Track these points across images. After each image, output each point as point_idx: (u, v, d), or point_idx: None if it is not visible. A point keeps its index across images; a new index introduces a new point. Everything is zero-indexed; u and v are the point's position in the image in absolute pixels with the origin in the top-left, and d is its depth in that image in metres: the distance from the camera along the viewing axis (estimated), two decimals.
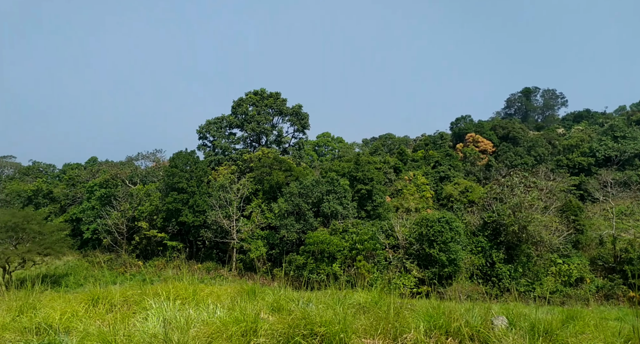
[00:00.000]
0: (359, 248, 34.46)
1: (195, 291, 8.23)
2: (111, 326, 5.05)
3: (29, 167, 77.26)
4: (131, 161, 62.49)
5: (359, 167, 46.47)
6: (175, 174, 45.38)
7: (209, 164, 54.80)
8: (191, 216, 43.82)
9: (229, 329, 4.76)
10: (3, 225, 37.56)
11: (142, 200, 48.77)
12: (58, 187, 61.30)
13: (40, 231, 39.35)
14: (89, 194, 53.94)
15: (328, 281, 6.92)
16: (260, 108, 58.64)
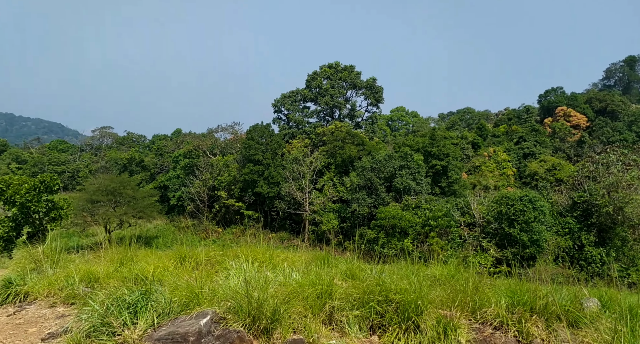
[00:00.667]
0: (432, 225, 33.66)
1: (271, 256, 8.53)
2: (197, 281, 5.38)
3: (124, 138, 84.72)
4: (211, 133, 65.91)
5: (434, 143, 44.87)
6: (251, 147, 47.13)
7: (283, 137, 56.14)
8: (266, 187, 45.49)
9: (305, 290, 4.86)
10: (104, 189, 41.85)
11: (222, 170, 51.47)
12: (148, 157, 66.68)
13: (134, 196, 43.30)
14: (175, 163, 58.04)
15: (399, 256, 6.97)
16: (334, 81, 58.38)
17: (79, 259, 8.92)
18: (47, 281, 6.77)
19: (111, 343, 4.05)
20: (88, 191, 43.80)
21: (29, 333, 4.99)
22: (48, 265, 7.81)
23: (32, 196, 23.48)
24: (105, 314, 4.38)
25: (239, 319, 4.15)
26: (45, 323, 5.38)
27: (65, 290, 6.40)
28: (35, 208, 23.80)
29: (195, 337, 3.88)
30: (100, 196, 41.62)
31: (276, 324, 4.15)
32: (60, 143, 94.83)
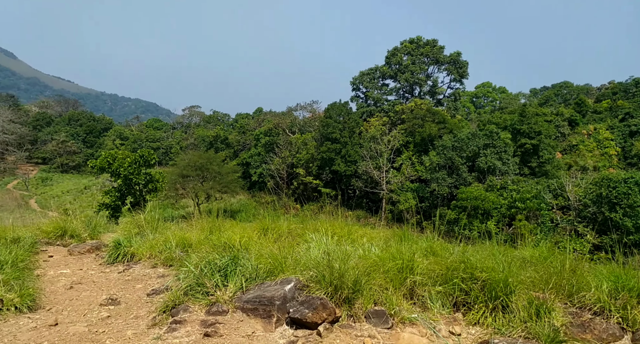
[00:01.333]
0: (519, 207, 31.67)
1: (350, 231, 8.59)
2: (280, 251, 5.59)
3: (210, 116, 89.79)
4: (291, 112, 67.37)
5: (524, 120, 41.72)
6: (329, 125, 47.46)
7: (361, 115, 55.71)
8: (343, 166, 45.77)
9: (385, 264, 4.85)
10: (193, 164, 44.98)
11: (300, 148, 52.63)
12: (232, 134, 70.12)
13: (219, 172, 46.02)
14: (256, 141, 60.44)
15: (481, 238, 6.63)
16: (415, 57, 56.23)
17: (174, 226, 9.70)
18: (149, 245, 7.48)
19: (205, 301, 4.38)
20: (179, 166, 47.40)
21: (136, 289, 5.58)
22: (149, 231, 8.59)
23: (133, 169, 25.95)
24: (199, 276, 4.73)
25: (321, 287, 4.26)
26: (149, 281, 5.97)
27: (164, 253, 7.03)
28: (136, 180, 26.29)
29: (280, 301, 4.06)
30: (189, 171, 44.83)
31: (357, 295, 4.20)
32: (155, 121, 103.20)
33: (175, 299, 4.44)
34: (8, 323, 4.09)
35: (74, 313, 4.54)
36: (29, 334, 3.83)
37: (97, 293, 5.39)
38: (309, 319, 3.78)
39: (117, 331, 3.97)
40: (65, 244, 9.27)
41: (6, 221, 11.49)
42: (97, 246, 8.68)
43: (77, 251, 8.36)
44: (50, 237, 9.51)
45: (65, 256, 8.13)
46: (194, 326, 3.92)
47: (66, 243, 9.37)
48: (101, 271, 6.80)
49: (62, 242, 9.42)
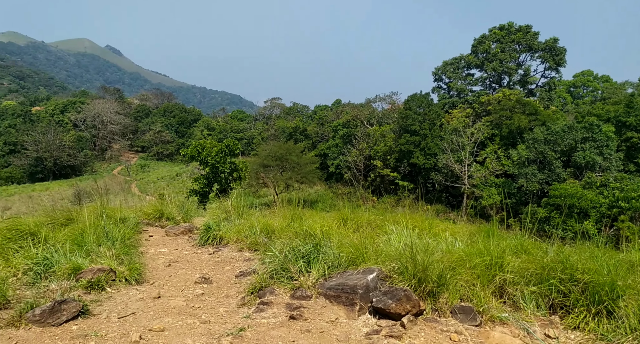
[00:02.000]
0: (622, 206, 28.57)
1: (431, 225, 8.37)
2: (361, 241, 5.60)
3: (290, 108, 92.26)
4: (369, 103, 66.87)
5: (630, 111, 37.38)
6: (408, 116, 46.39)
7: (442, 107, 53.70)
8: (422, 158, 44.56)
9: (472, 260, 4.66)
10: (273, 155, 46.62)
11: (378, 140, 52.13)
12: (310, 126, 71.41)
13: (298, 162, 47.22)
14: (334, 132, 60.95)
15: (576, 239, 6.00)
16: (505, 45, 52.67)
17: (257, 213, 10.14)
18: (236, 229, 7.91)
19: (290, 286, 4.53)
20: (260, 156, 49.42)
21: (225, 270, 5.94)
22: (235, 216, 9.07)
23: (220, 158, 27.57)
24: (284, 261, 4.91)
25: (404, 279, 4.21)
26: (236, 263, 6.33)
27: (249, 238, 7.40)
28: (222, 168, 27.92)
29: (363, 290, 4.07)
30: (270, 161, 46.55)
31: (442, 289, 4.09)
32: (239, 113, 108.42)
33: (262, 282, 4.65)
34: (120, 293, 4.58)
35: (173, 288, 4.96)
36: (137, 303, 4.26)
37: (192, 272, 5.83)
38: (392, 309, 3.75)
39: (211, 307, 4.26)
40: (162, 226, 10.14)
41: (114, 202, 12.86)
42: (189, 228, 9.37)
43: (172, 232, 9.10)
44: (150, 219, 10.46)
45: (163, 236, 8.89)
46: (280, 308, 4.08)
47: (163, 225, 10.25)
48: (194, 251, 7.34)
49: (160, 224, 10.31)
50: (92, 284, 4.46)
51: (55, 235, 6.15)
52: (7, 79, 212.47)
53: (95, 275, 4.55)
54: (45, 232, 5.98)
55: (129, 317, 3.86)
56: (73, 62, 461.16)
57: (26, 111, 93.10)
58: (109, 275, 4.68)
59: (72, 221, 7.68)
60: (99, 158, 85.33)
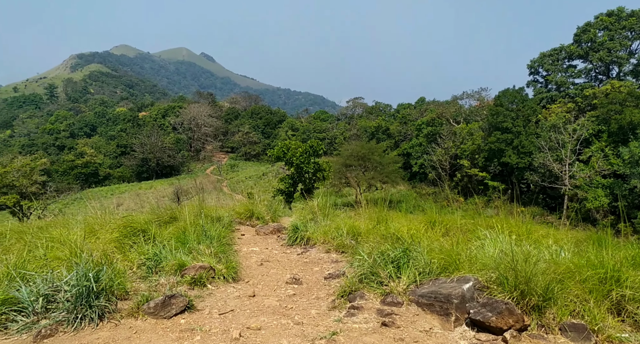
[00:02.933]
0: None
1: (529, 230, 7.79)
2: (453, 246, 5.37)
3: (372, 107, 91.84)
4: (455, 100, 64.15)
5: None
6: (499, 113, 43.64)
7: (538, 102, 49.71)
8: (515, 157, 41.65)
9: (582, 272, 4.23)
10: (355, 154, 46.69)
11: (465, 139, 49.78)
12: (393, 125, 70.35)
13: (380, 162, 46.77)
14: (417, 131, 59.39)
15: None
16: (615, 32, 47.23)
17: (342, 214, 10.20)
18: (322, 231, 8.02)
19: (380, 291, 4.48)
20: (343, 155, 49.75)
21: (314, 271, 6.05)
22: (321, 217, 9.20)
23: (304, 158, 28.26)
24: (373, 265, 4.86)
25: (504, 291, 3.95)
26: (324, 265, 6.41)
27: (336, 239, 7.45)
28: (306, 169, 28.59)
29: (459, 300, 3.89)
30: (352, 160, 46.68)
31: (549, 303, 3.76)
32: (322, 113, 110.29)
33: (352, 286, 4.65)
34: (219, 290, 4.88)
35: (266, 288, 5.16)
36: (235, 301, 4.50)
37: (282, 272, 6.02)
38: (492, 323, 3.53)
39: (302, 308, 4.36)
40: (253, 225, 10.65)
41: (209, 201, 13.77)
42: (278, 228, 9.71)
43: (262, 231, 9.50)
44: (242, 218, 11.03)
45: (254, 235, 9.32)
46: (371, 314, 4.05)
47: (253, 224, 10.75)
48: (283, 251, 7.58)
49: (251, 223, 10.83)
50: (195, 281, 4.80)
51: (162, 232, 6.73)
52: (119, 88, 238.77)
53: (197, 272, 4.90)
54: (153, 230, 6.56)
55: (228, 314, 4.09)
56: (173, 70, 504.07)
57: (134, 116, 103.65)
58: (209, 272, 5.01)
59: (175, 219, 8.36)
60: (194, 158, 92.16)
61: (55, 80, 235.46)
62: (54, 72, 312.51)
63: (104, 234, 6.52)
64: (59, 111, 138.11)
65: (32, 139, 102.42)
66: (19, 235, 6.35)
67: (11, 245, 5.66)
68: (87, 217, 9.06)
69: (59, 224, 8.92)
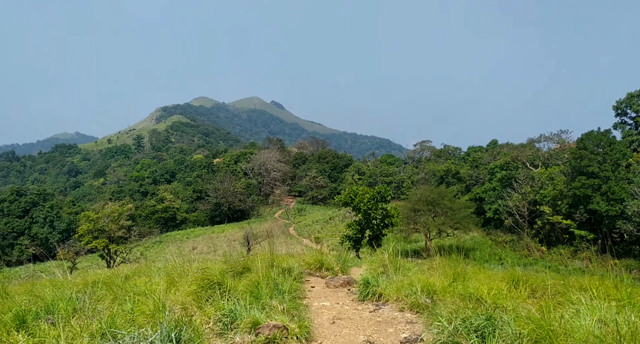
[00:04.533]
0: None
1: (630, 294, 6.93)
2: (544, 314, 4.90)
3: (441, 150, 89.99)
4: (532, 143, 61.06)
5: None
6: (584, 157, 40.64)
7: (628, 145, 45.84)
8: (604, 204, 38.09)
9: None
10: (424, 199, 45.41)
11: (544, 183, 46.68)
12: (463, 168, 68.06)
13: (451, 207, 44.97)
14: (490, 175, 56.80)
15: None
16: None
17: (415, 268, 9.79)
18: (395, 286, 7.70)
19: None
20: (411, 200, 48.60)
21: (388, 333, 5.76)
22: (392, 271, 8.89)
23: (371, 204, 27.99)
24: (453, 334, 4.53)
25: None
26: (398, 326, 6.10)
27: (410, 297, 7.11)
28: (374, 215, 28.23)
29: None
30: (421, 205, 45.37)
31: None
32: (388, 157, 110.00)
33: None
34: None
35: None
36: None
37: (355, 332, 5.80)
38: None
39: None
40: (322, 276, 10.52)
41: (278, 248, 13.93)
42: (348, 281, 9.49)
43: (332, 284, 9.34)
44: (311, 269, 10.95)
45: (324, 288, 9.18)
46: None
47: (323, 275, 10.62)
48: (354, 308, 7.35)
49: (320, 274, 10.71)
50: (268, 341, 4.77)
51: (236, 285, 6.86)
52: (197, 136, 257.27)
53: (271, 332, 4.86)
54: (228, 282, 6.72)
55: None
56: (245, 118, 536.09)
57: (209, 162, 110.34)
58: (282, 332, 4.95)
59: (248, 270, 8.52)
60: (263, 203, 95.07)
61: (142, 132, 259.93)
62: (141, 124, 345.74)
63: (183, 285, 6.78)
64: (144, 160, 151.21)
65: (120, 186, 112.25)
66: (108, 285, 6.79)
67: (103, 295, 6.05)
68: (167, 265, 9.52)
69: (142, 272, 9.43)
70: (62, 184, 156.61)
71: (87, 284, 6.68)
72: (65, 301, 4.88)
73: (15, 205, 72.42)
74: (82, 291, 5.98)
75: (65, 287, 6.05)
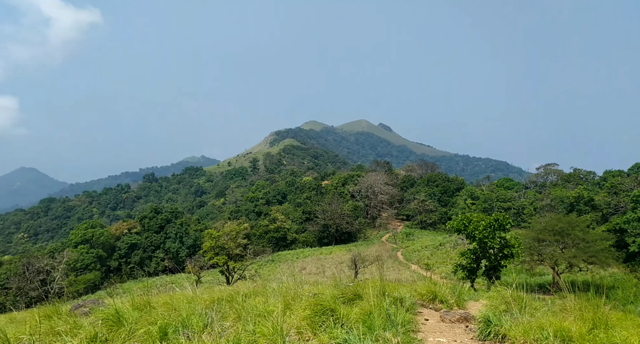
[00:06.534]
0: None
1: None
2: None
3: (570, 174, 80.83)
4: None
5: None
6: None
7: None
8: None
9: None
10: (550, 229, 40.80)
11: None
12: (599, 195, 60.07)
13: (583, 238, 39.65)
14: (634, 203, 49.13)
15: None
16: None
17: (543, 307, 8.79)
18: (522, 328, 6.94)
19: None
20: (534, 229, 43.93)
21: None
22: (517, 309, 8.06)
23: (488, 232, 26.00)
24: None
25: None
26: None
27: (540, 343, 6.35)
28: (490, 244, 26.15)
29: None
30: (546, 235, 40.76)
31: None
32: (506, 181, 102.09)
33: None
34: None
35: None
36: None
37: None
38: None
39: None
40: (436, 309, 9.94)
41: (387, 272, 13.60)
42: (465, 316, 8.83)
43: (448, 318, 8.76)
44: (424, 300, 10.44)
45: (438, 321, 8.66)
46: None
47: (437, 308, 10.03)
48: None
49: (434, 306, 10.14)
50: None
51: (348, 312, 6.82)
52: (307, 159, 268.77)
53: None
54: (340, 310, 6.71)
55: None
56: (353, 141, 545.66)
57: (318, 185, 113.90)
58: None
59: (358, 296, 8.44)
60: (370, 225, 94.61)
61: (258, 155, 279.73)
62: (257, 148, 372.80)
63: (297, 309, 6.95)
64: (258, 181, 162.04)
65: (238, 206, 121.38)
66: (230, 303, 7.25)
67: (226, 313, 6.46)
68: (281, 286, 9.90)
69: (259, 292, 9.93)
70: (190, 203, 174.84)
71: (213, 300, 7.22)
72: (197, 317, 5.31)
73: (153, 221, 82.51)
74: (209, 307, 6.48)
75: (196, 302, 6.61)
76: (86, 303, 7.10)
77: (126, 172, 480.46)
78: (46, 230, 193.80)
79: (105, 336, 4.32)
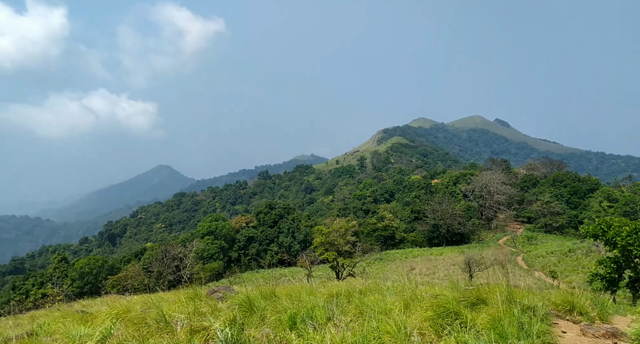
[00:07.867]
0: None
1: None
2: None
3: None
4: None
5: None
6: None
7: None
8: None
9: None
10: None
11: None
12: None
13: None
14: None
15: None
16: None
17: None
18: None
19: None
20: None
21: None
22: None
23: (633, 239, 22.51)
24: None
25: None
26: None
27: None
28: (636, 253, 22.59)
29: None
30: None
31: None
32: None
33: None
34: None
35: None
36: None
37: None
38: None
39: None
40: (574, 321, 8.82)
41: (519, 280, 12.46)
42: (613, 332, 7.68)
43: (590, 332, 7.70)
44: (559, 310, 9.35)
45: (579, 335, 7.66)
46: None
47: (575, 320, 8.90)
48: None
49: (571, 318, 9.02)
50: None
51: (474, 317, 6.35)
52: (415, 157, 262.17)
53: None
54: (466, 314, 6.27)
55: None
56: (465, 138, 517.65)
57: (427, 183, 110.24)
58: None
59: (482, 301, 7.84)
60: (484, 227, 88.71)
61: (365, 153, 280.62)
62: (364, 146, 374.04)
63: (417, 309, 6.68)
64: (366, 179, 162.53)
65: (345, 203, 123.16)
66: (348, 298, 7.25)
67: (346, 308, 6.46)
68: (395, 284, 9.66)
69: (373, 289, 9.82)
70: (300, 200, 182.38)
71: (331, 294, 7.29)
72: (320, 309, 5.37)
73: (268, 216, 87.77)
74: (329, 301, 6.54)
75: (315, 295, 6.73)
76: (219, 289, 7.69)
77: (243, 170, 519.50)
78: (179, 221, 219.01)
79: (242, 320, 4.59)
